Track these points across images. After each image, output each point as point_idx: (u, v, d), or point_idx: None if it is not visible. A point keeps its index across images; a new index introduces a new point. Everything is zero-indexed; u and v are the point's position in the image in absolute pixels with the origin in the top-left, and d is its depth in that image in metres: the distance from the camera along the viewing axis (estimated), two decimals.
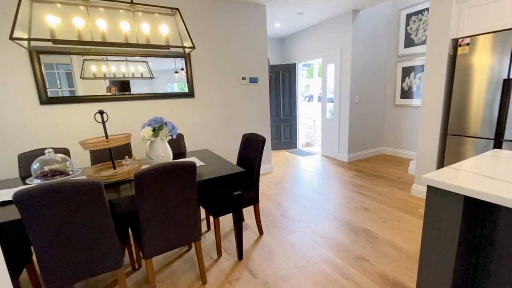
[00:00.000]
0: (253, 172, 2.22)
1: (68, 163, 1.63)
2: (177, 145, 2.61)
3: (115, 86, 2.84)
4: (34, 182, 1.46)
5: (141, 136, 1.84)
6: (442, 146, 2.74)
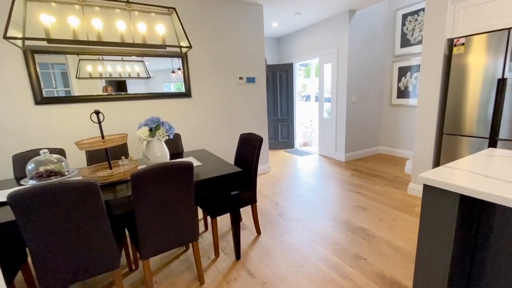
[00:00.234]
0: (250, 172, 2.22)
1: (63, 163, 1.62)
2: (174, 145, 2.60)
3: (111, 86, 2.82)
4: (29, 183, 1.45)
5: (138, 136, 1.83)
6: (438, 145, 2.76)
